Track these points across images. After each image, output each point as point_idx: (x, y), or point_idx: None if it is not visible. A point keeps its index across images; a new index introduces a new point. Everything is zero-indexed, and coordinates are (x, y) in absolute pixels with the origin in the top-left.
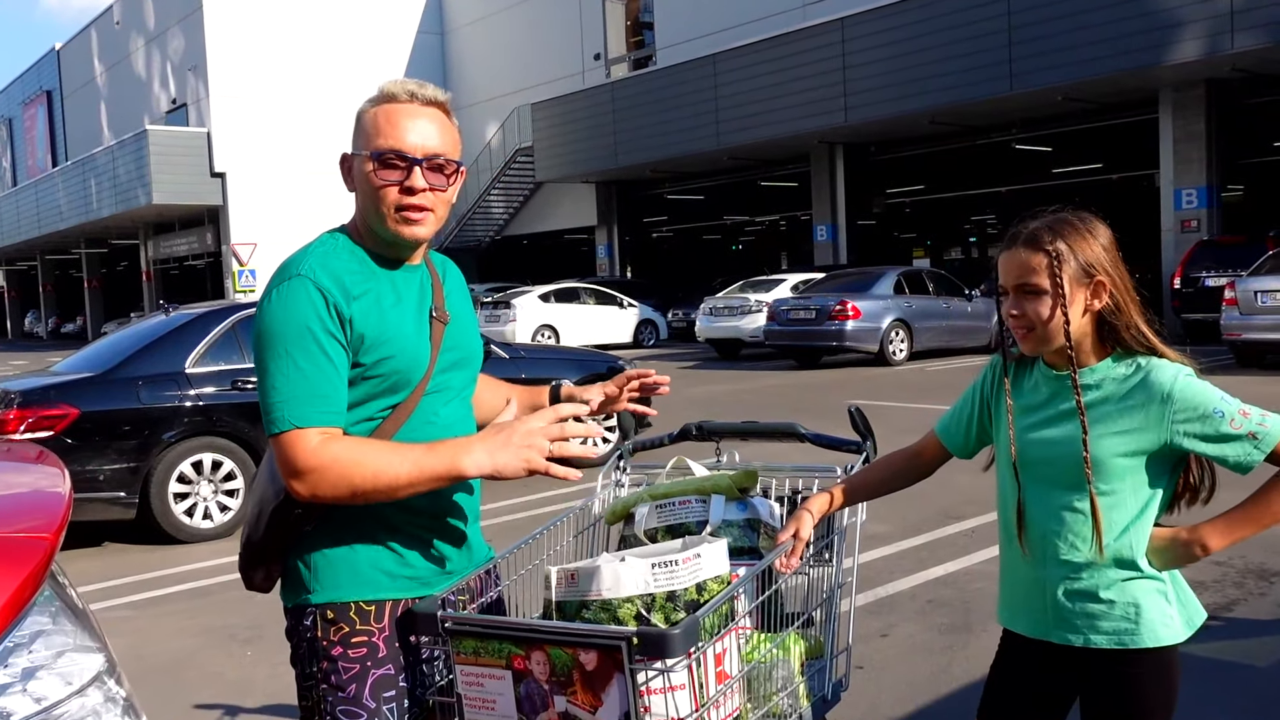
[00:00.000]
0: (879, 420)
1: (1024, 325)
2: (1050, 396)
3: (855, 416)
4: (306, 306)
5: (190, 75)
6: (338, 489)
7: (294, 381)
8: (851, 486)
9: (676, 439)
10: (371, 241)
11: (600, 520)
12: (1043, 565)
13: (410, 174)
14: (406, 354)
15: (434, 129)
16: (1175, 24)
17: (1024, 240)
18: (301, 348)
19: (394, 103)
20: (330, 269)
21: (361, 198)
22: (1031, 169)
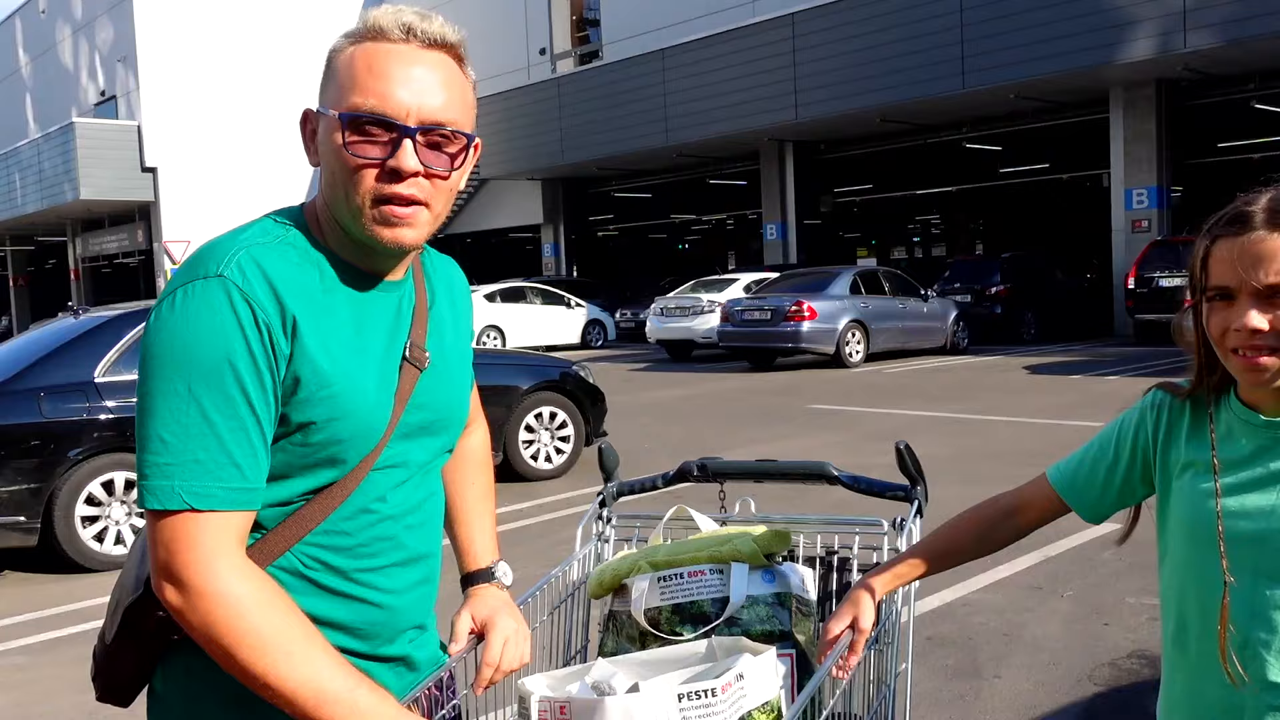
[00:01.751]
0: (842, 426)
1: (1266, 344)
2: (1257, 451)
3: (904, 455)
4: (226, 324)
5: (120, 66)
6: (215, 638)
7: (195, 436)
8: (928, 553)
9: (672, 480)
10: (336, 239)
11: (581, 588)
12: (1241, 687)
13: (398, 149)
14: (356, 416)
15: (436, 83)
16: (1127, 22)
17: (1269, 221)
18: (213, 386)
19: (381, 41)
20: (265, 271)
21: (328, 176)
22: (981, 168)
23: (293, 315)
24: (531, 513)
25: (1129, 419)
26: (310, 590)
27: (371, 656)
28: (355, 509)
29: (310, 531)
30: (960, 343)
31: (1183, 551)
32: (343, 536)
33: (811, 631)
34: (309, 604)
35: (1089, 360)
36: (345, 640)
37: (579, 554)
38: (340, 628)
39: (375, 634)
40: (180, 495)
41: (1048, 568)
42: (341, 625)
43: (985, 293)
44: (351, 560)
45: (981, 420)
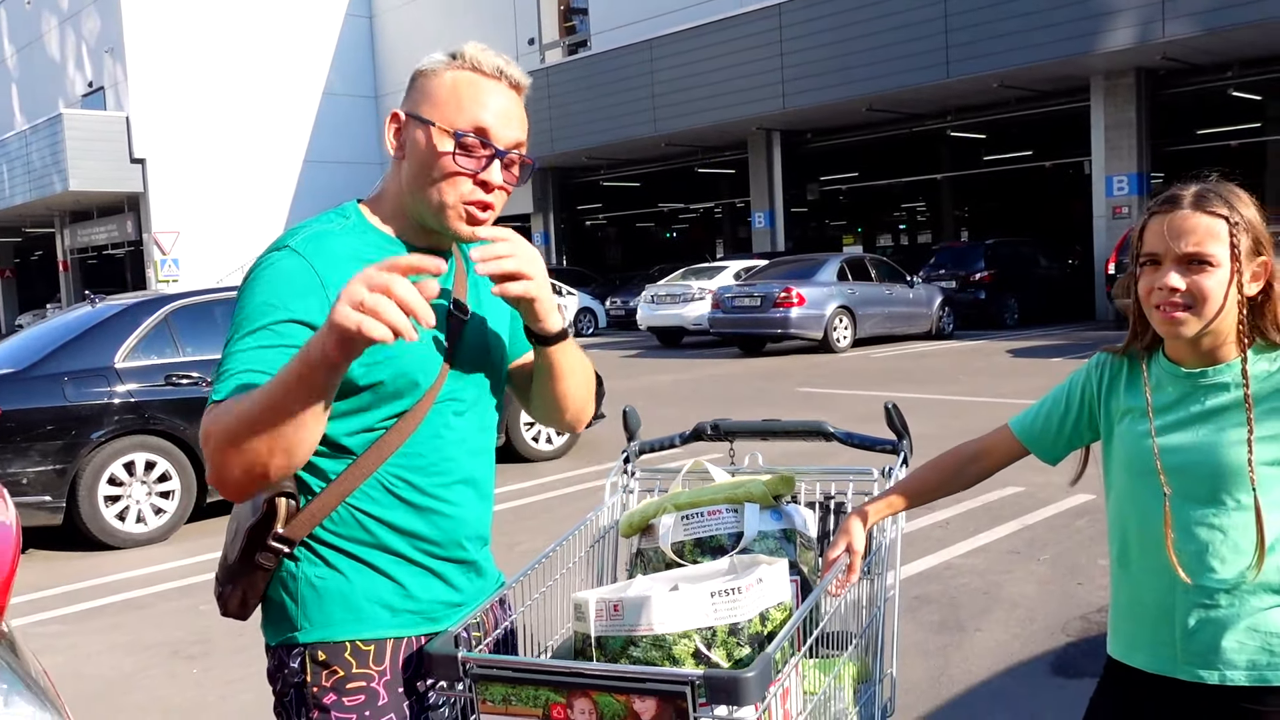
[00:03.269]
0: (830, 408)
1: (1183, 302)
2: (1180, 397)
3: (892, 413)
4: (281, 284)
5: (107, 57)
6: (223, 445)
7: (235, 359)
8: (906, 490)
9: (689, 439)
10: (402, 221)
11: (611, 532)
12: (1171, 591)
13: (490, 166)
14: (412, 355)
15: (517, 117)
16: (1107, 12)
17: (1194, 202)
18: (258, 326)
19: (480, 74)
20: (326, 246)
21: (418, 174)
22: (965, 156)
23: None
24: (534, 491)
25: (1077, 376)
26: (395, 504)
27: (447, 559)
28: (426, 434)
29: (393, 454)
30: (945, 328)
31: (1124, 483)
32: (418, 457)
33: (813, 562)
34: (395, 516)
35: (1070, 344)
36: (425, 545)
37: (608, 502)
38: (420, 536)
39: (447, 539)
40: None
41: (1026, 534)
42: (421, 534)
43: (969, 279)
44: (425, 477)
45: (966, 401)
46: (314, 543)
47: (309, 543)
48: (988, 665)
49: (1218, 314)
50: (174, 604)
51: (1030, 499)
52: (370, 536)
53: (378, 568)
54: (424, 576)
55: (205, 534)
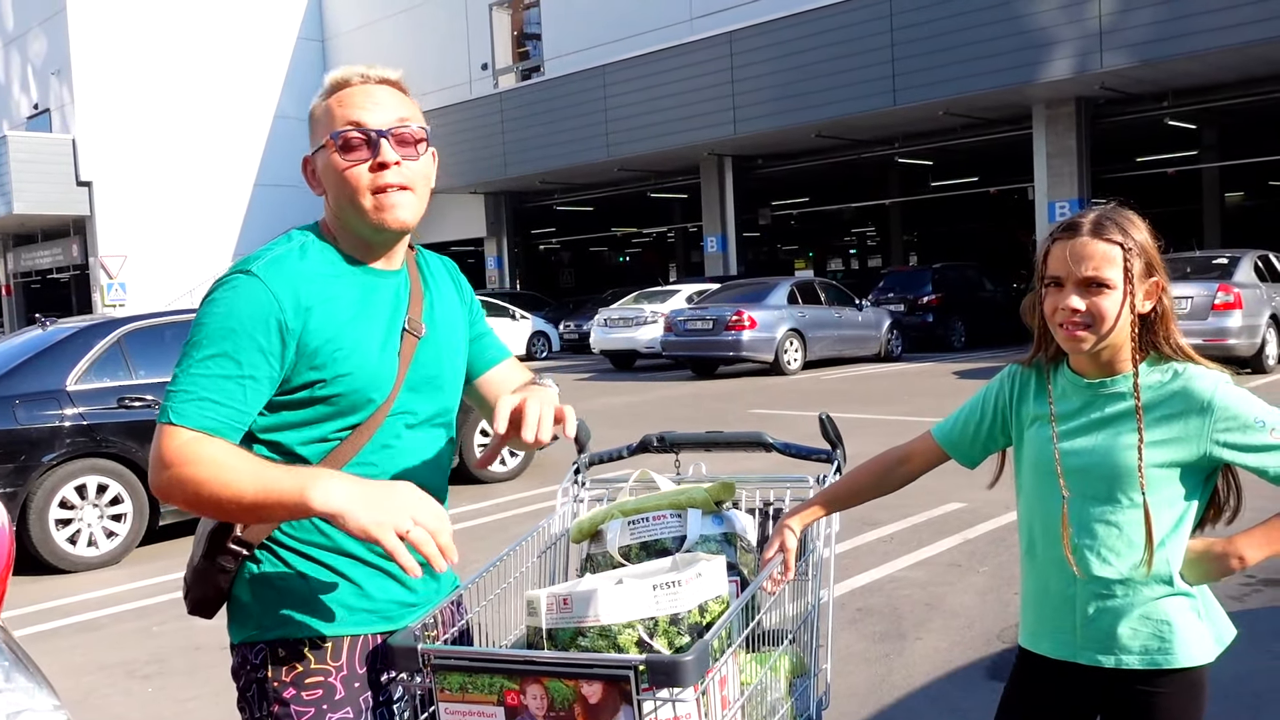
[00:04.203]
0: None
1: (1083, 321)
2: (1082, 405)
3: (826, 424)
4: (242, 308)
5: (54, 79)
6: (185, 492)
7: (194, 380)
8: (833, 496)
9: (636, 451)
10: (348, 242)
11: (562, 539)
12: (1072, 582)
13: (377, 148)
14: (365, 371)
15: (393, 101)
16: (1048, 43)
17: (1092, 230)
18: (218, 349)
19: (345, 87)
20: (285, 271)
21: (333, 193)
22: (913, 182)
23: (302, 302)
24: (488, 511)
25: (991, 387)
26: None
27: None
28: (378, 445)
29: (346, 463)
30: (894, 350)
31: (1031, 483)
32: (370, 466)
33: (752, 564)
34: None
35: None
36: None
37: (559, 511)
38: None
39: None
40: (170, 413)
41: (967, 548)
42: None
43: (917, 302)
44: None
45: (912, 421)
46: (274, 545)
47: (270, 545)
48: (926, 671)
49: (1112, 330)
50: (128, 625)
51: (972, 514)
52: (327, 540)
53: (335, 569)
54: (379, 578)
55: (158, 557)
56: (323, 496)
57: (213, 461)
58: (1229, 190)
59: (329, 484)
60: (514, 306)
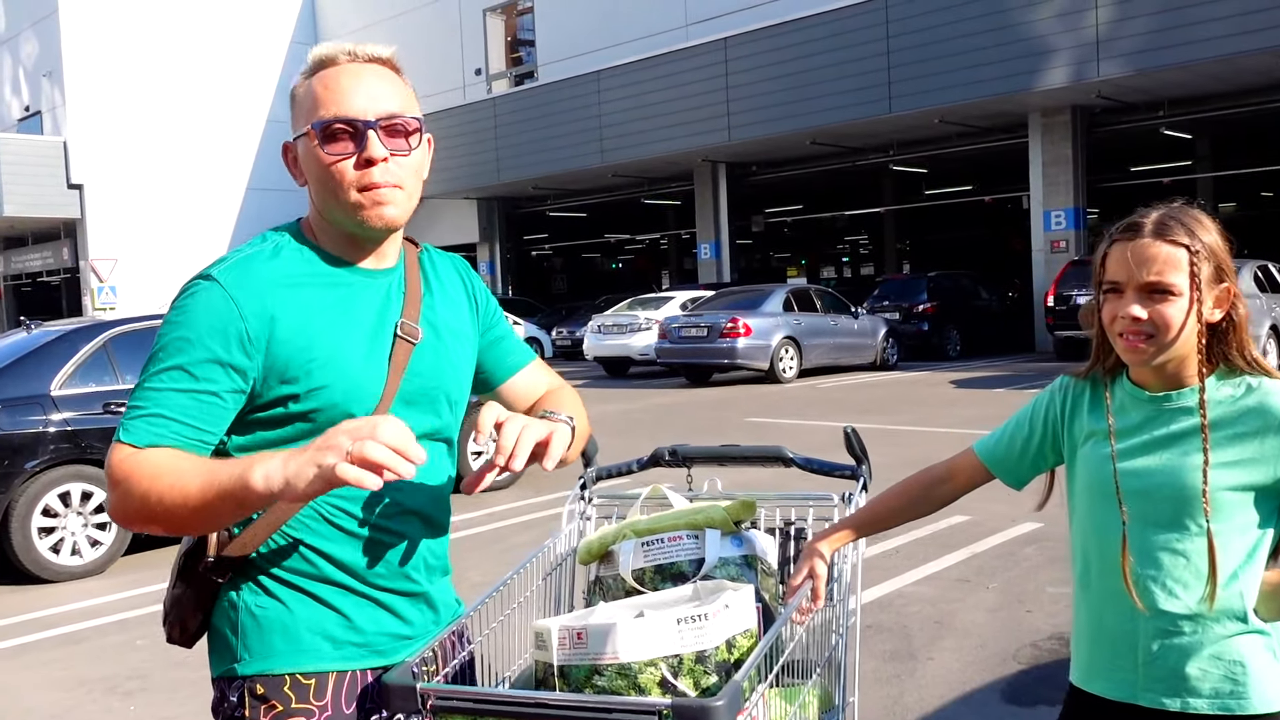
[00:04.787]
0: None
1: (1144, 331)
2: (1143, 421)
3: (851, 438)
4: (200, 317)
5: (45, 81)
6: (134, 507)
7: (148, 395)
8: (865, 518)
9: (646, 465)
10: (331, 238)
11: (569, 559)
12: (1132, 617)
13: (365, 141)
14: (344, 382)
15: (383, 85)
16: (1045, 51)
17: (1155, 230)
18: (173, 362)
19: (331, 66)
20: (252, 275)
21: (315, 187)
22: (907, 190)
23: (269, 310)
24: (482, 521)
25: (1041, 400)
26: (335, 535)
27: (394, 590)
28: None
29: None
30: (890, 359)
31: (1086, 506)
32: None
33: (774, 589)
34: (335, 548)
35: (1011, 374)
36: (369, 576)
37: (565, 529)
38: (363, 568)
39: (392, 571)
40: (121, 431)
41: (975, 562)
42: (363, 565)
43: (913, 310)
44: (366, 509)
45: (910, 431)
46: (255, 571)
47: (249, 572)
48: (940, 693)
49: (1177, 341)
50: (111, 639)
51: (978, 527)
52: (311, 567)
53: (320, 598)
54: (369, 608)
55: (143, 566)
56: (262, 475)
57: (155, 469)
58: (1223, 200)
59: (268, 462)
60: (506, 313)
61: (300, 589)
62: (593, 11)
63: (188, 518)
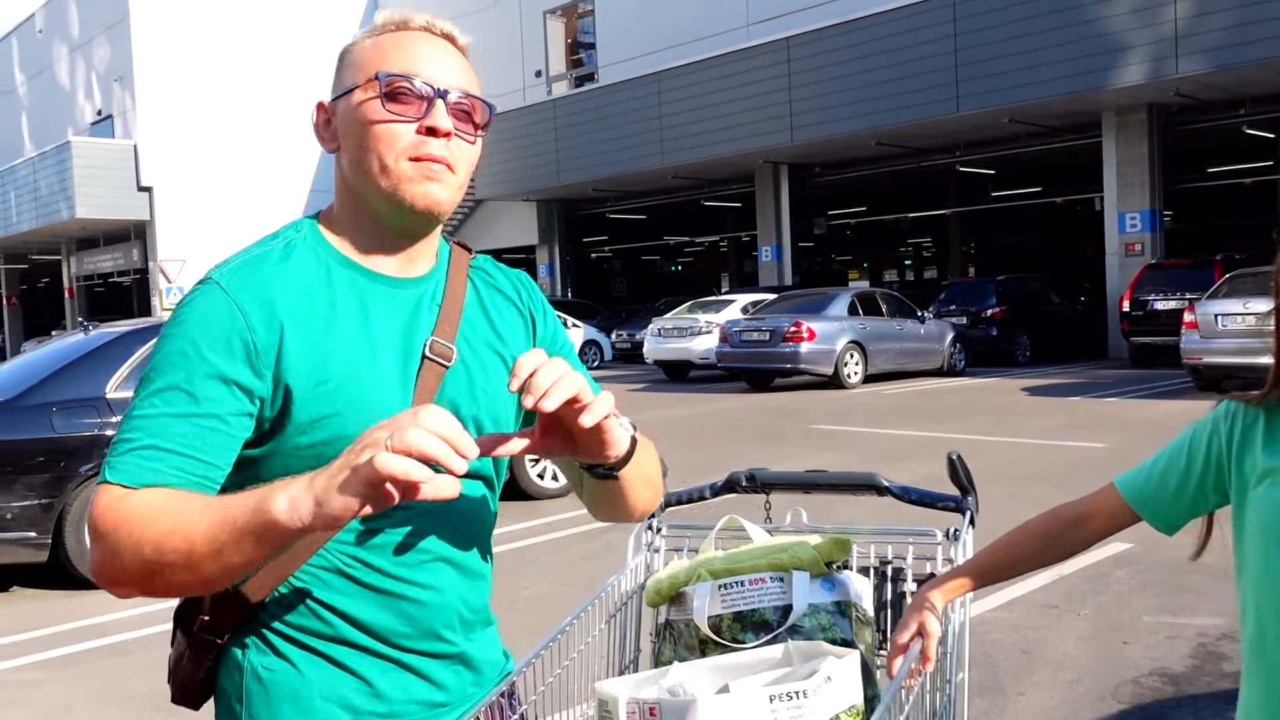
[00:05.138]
0: (844, 446)
1: None
2: None
3: (956, 465)
4: (199, 327)
5: (116, 85)
6: (129, 560)
7: (139, 424)
8: (985, 566)
9: (720, 491)
10: (357, 233)
11: (635, 597)
12: None
13: (432, 109)
14: (360, 410)
15: (457, 60)
16: (1120, 48)
17: None
18: (170, 381)
19: (405, 30)
20: (258, 276)
21: (353, 150)
22: (974, 191)
23: (278, 316)
24: (539, 531)
25: (1201, 428)
26: (352, 590)
27: (423, 652)
28: (384, 520)
29: (342, 528)
30: (957, 364)
31: (1260, 558)
32: (377, 534)
33: (870, 640)
34: (353, 605)
35: (1086, 382)
36: (395, 639)
37: (630, 564)
38: (385, 627)
39: (420, 630)
40: (107, 470)
41: (1062, 586)
42: (385, 625)
43: (981, 315)
44: (387, 558)
45: (983, 441)
46: (261, 626)
47: (256, 626)
48: None
49: None
50: (160, 652)
51: None
52: (326, 626)
53: (337, 661)
54: (395, 672)
55: None
56: (286, 500)
57: (151, 512)
58: None
59: (290, 486)
60: (566, 315)
61: (313, 649)
62: (654, 12)
63: (195, 568)
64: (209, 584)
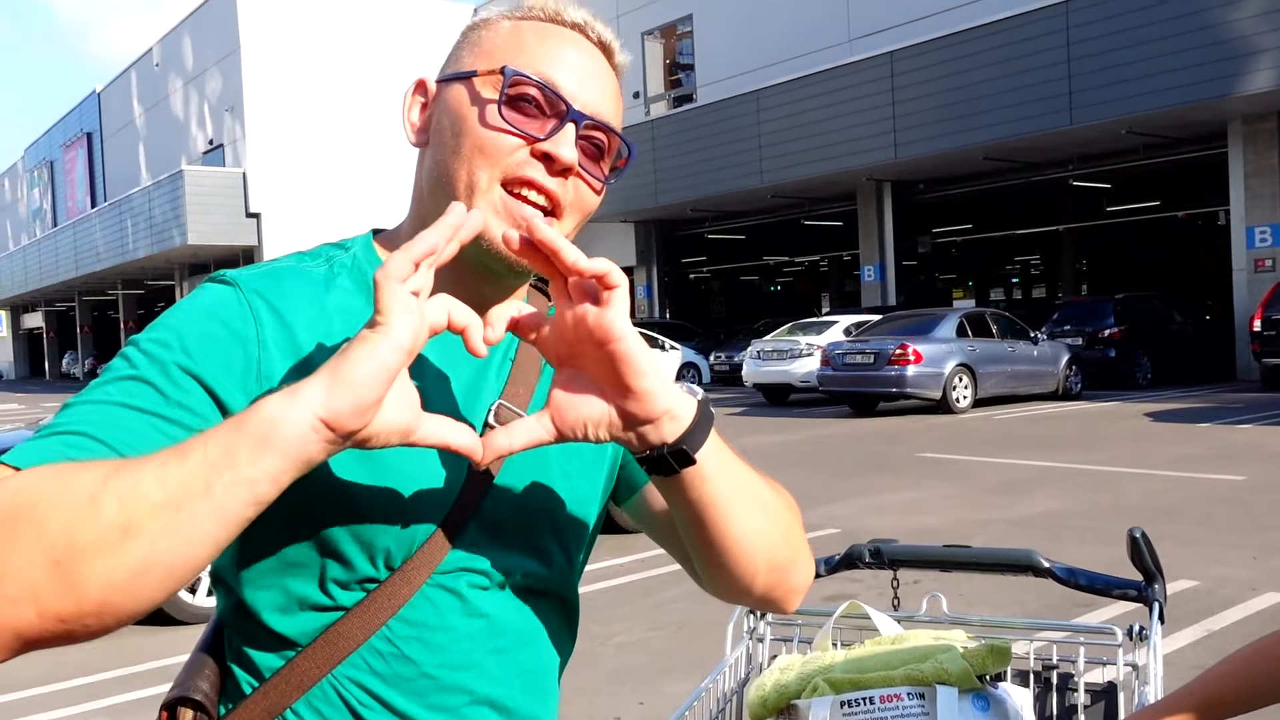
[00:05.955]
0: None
1: None
2: None
3: (1140, 544)
4: (196, 319)
5: (227, 116)
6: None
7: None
8: (1216, 696)
9: (838, 566)
10: None
11: (735, 698)
12: None
13: (560, 131)
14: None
15: (607, 83)
16: (1247, 53)
17: None
18: (131, 374)
19: (556, 23)
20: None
21: (443, 157)
22: (1087, 206)
23: (306, 352)
24: (633, 568)
25: None
26: None
27: None
28: (414, 622)
29: (355, 650)
30: (1073, 387)
31: None
32: (400, 663)
33: None
34: None
35: (1215, 407)
36: None
37: (730, 658)
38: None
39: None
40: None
41: (1212, 643)
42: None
43: (1098, 335)
44: (409, 696)
45: (1108, 472)
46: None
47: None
48: None
49: None
50: None
51: (1209, 597)
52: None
53: None
54: None
55: None
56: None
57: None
58: None
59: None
60: (664, 337)
61: None
62: (752, 30)
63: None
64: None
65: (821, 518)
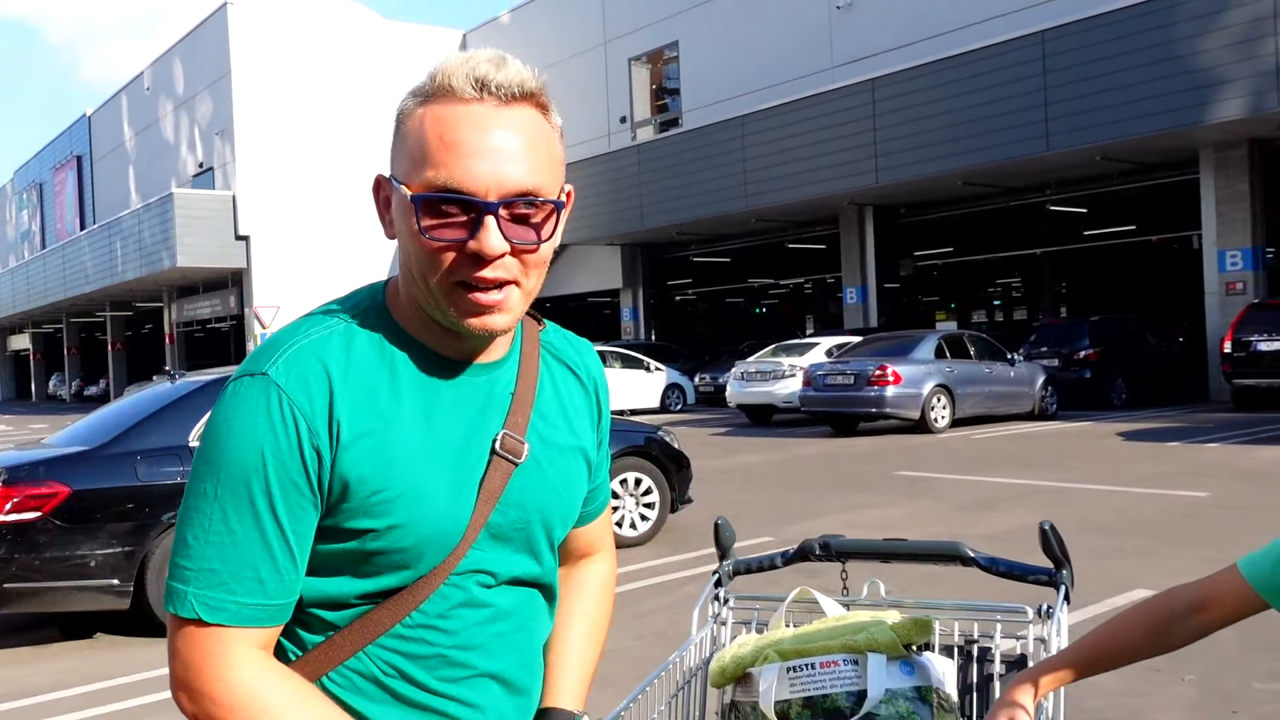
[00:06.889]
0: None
1: None
2: None
3: (1049, 535)
4: (257, 429)
5: (217, 139)
6: None
7: (214, 543)
8: (1089, 655)
9: (792, 559)
10: (419, 322)
11: (700, 673)
12: None
13: (479, 229)
14: (424, 522)
15: (518, 147)
16: (1218, 82)
17: None
18: (234, 494)
19: (451, 102)
20: (317, 366)
21: (404, 258)
22: (1065, 230)
23: (338, 419)
24: (618, 581)
25: None
26: (388, 700)
27: None
28: (432, 614)
29: (384, 634)
30: (1049, 408)
31: None
32: (419, 644)
33: None
34: (381, 714)
35: (1187, 426)
36: None
37: (695, 638)
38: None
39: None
40: (192, 604)
41: None
42: None
43: (1073, 357)
44: (428, 670)
45: (1078, 489)
46: None
47: None
48: None
49: None
50: None
51: None
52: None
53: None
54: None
55: None
56: None
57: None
58: None
59: None
60: (649, 358)
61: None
62: (737, 57)
63: None
64: None
65: (801, 534)
